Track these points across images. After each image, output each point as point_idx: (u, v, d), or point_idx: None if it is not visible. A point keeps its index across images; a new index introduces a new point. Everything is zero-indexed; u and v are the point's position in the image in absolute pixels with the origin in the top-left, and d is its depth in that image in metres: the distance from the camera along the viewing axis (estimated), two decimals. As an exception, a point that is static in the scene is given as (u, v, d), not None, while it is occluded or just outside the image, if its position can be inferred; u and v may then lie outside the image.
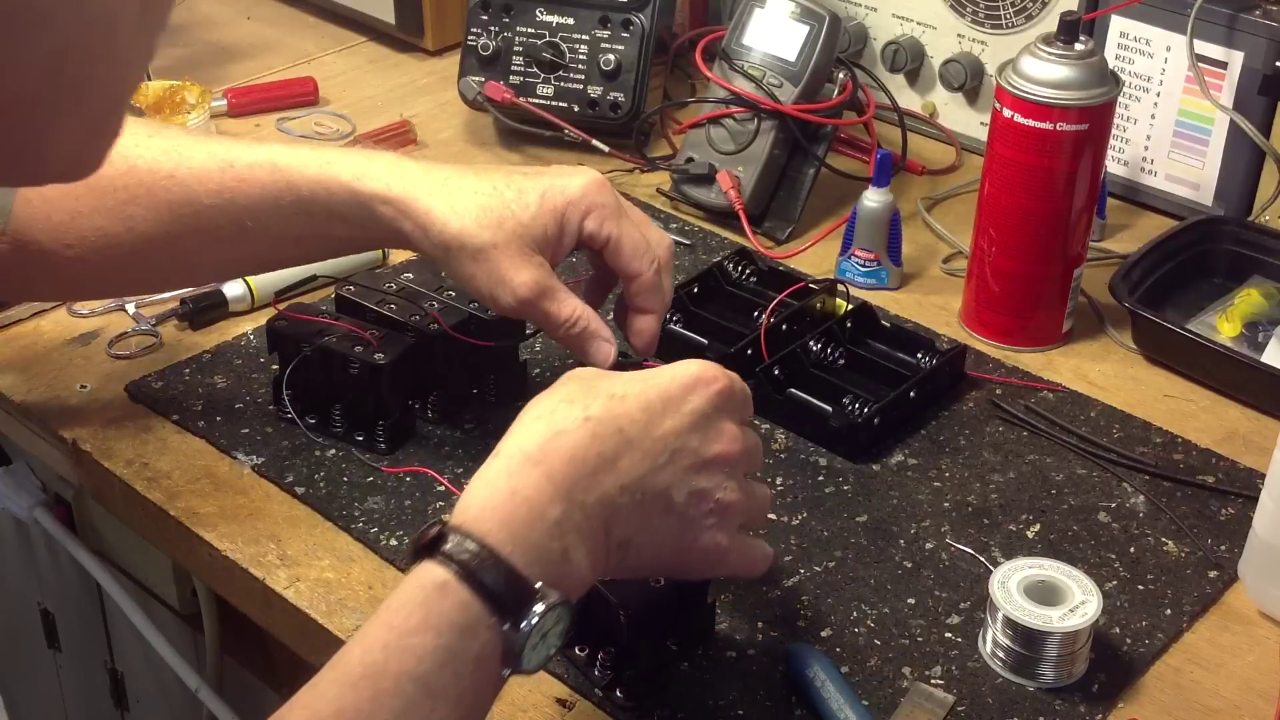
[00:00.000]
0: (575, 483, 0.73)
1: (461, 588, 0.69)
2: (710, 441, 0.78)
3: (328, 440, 1.05)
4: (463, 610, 0.69)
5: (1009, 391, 1.12)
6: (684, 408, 0.78)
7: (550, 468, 0.73)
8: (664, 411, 0.77)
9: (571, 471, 0.73)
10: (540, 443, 0.74)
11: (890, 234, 1.23)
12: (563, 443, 0.74)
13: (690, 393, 0.79)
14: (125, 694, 1.43)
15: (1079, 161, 1.11)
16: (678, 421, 0.77)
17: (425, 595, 0.69)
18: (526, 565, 0.70)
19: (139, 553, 1.25)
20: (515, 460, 0.74)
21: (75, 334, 1.16)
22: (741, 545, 0.81)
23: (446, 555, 0.70)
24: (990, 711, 0.86)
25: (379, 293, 1.07)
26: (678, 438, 0.77)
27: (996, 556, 0.96)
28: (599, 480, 0.74)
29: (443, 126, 1.49)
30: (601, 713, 0.85)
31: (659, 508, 0.76)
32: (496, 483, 0.73)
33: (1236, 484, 1.03)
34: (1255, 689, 0.88)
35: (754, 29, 1.32)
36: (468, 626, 0.69)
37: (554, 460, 0.73)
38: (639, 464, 0.75)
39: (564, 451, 0.74)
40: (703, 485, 0.78)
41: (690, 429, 0.78)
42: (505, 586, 0.69)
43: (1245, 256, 1.24)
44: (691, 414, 0.78)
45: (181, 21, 1.69)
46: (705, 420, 0.78)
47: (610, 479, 0.74)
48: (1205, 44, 1.26)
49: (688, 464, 0.77)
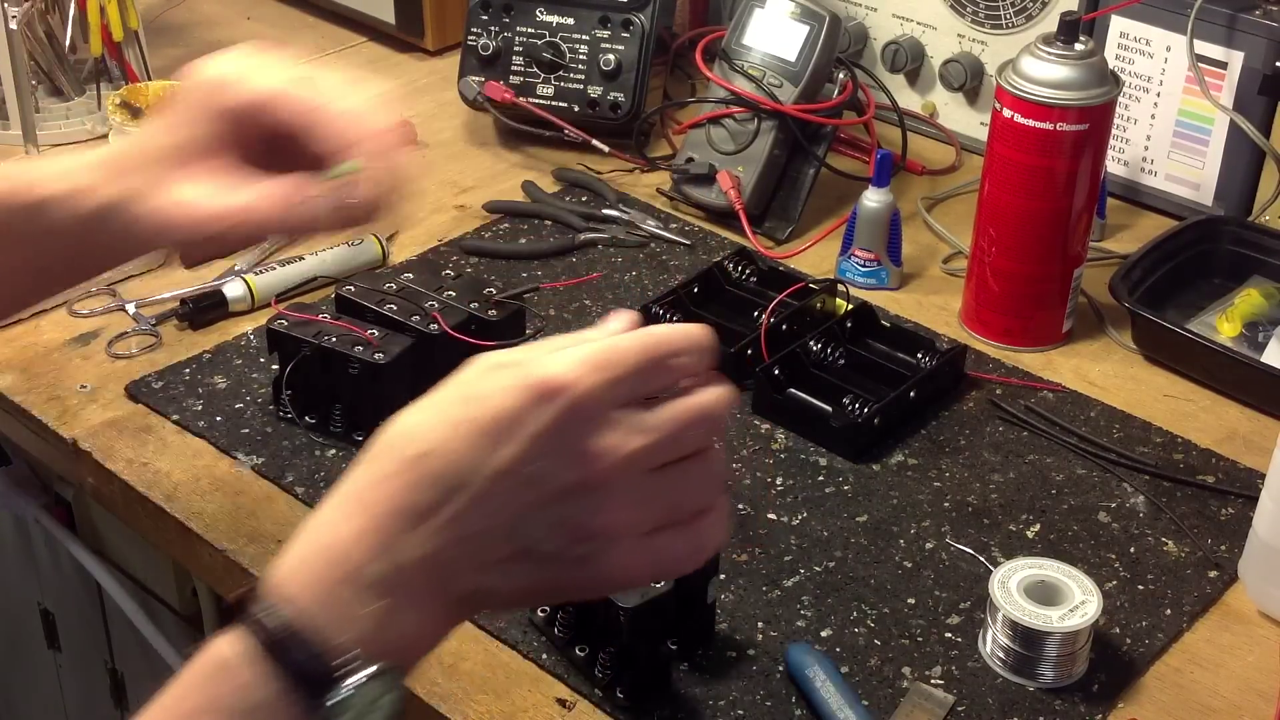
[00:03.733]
0: (395, 537, 0.61)
1: (253, 664, 0.59)
2: (568, 465, 0.62)
3: (328, 440, 1.05)
4: (256, 688, 0.59)
5: (1009, 391, 1.12)
6: (523, 431, 0.61)
7: (373, 517, 0.61)
8: (500, 441, 0.61)
9: (392, 525, 0.61)
10: (370, 484, 0.62)
11: (890, 234, 1.23)
12: (389, 488, 0.62)
13: (531, 412, 0.61)
14: (125, 694, 1.43)
15: (1079, 161, 1.11)
16: (513, 455, 0.61)
17: (208, 674, 0.60)
18: (339, 631, 0.60)
19: (139, 553, 1.25)
20: (344, 506, 0.63)
21: (75, 334, 1.16)
22: (661, 551, 0.64)
23: (249, 623, 0.60)
24: (990, 711, 0.86)
25: (379, 293, 1.07)
26: (515, 473, 0.61)
27: (996, 556, 0.96)
28: (422, 533, 0.61)
29: (443, 126, 1.49)
30: (601, 713, 0.86)
31: (509, 553, 0.62)
32: (318, 532, 0.63)
33: (1236, 484, 1.03)
34: (1255, 689, 0.88)
35: (754, 29, 1.32)
36: (262, 706, 0.59)
37: (378, 509, 0.61)
38: (472, 510, 0.61)
39: (387, 499, 0.61)
40: (569, 514, 0.62)
41: (536, 456, 0.61)
42: (308, 658, 0.59)
43: (1245, 256, 1.24)
44: (534, 437, 0.61)
45: (181, 21, 1.69)
46: (556, 440, 0.61)
47: (435, 531, 0.61)
48: (1205, 44, 1.26)
49: (539, 497, 0.61)
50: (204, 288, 1.19)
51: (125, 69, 1.48)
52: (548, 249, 1.28)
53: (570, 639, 0.88)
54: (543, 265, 1.26)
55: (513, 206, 1.34)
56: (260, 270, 1.21)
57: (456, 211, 1.34)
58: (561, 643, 0.88)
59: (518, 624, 0.90)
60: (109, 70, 1.48)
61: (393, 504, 0.61)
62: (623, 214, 1.32)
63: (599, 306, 1.20)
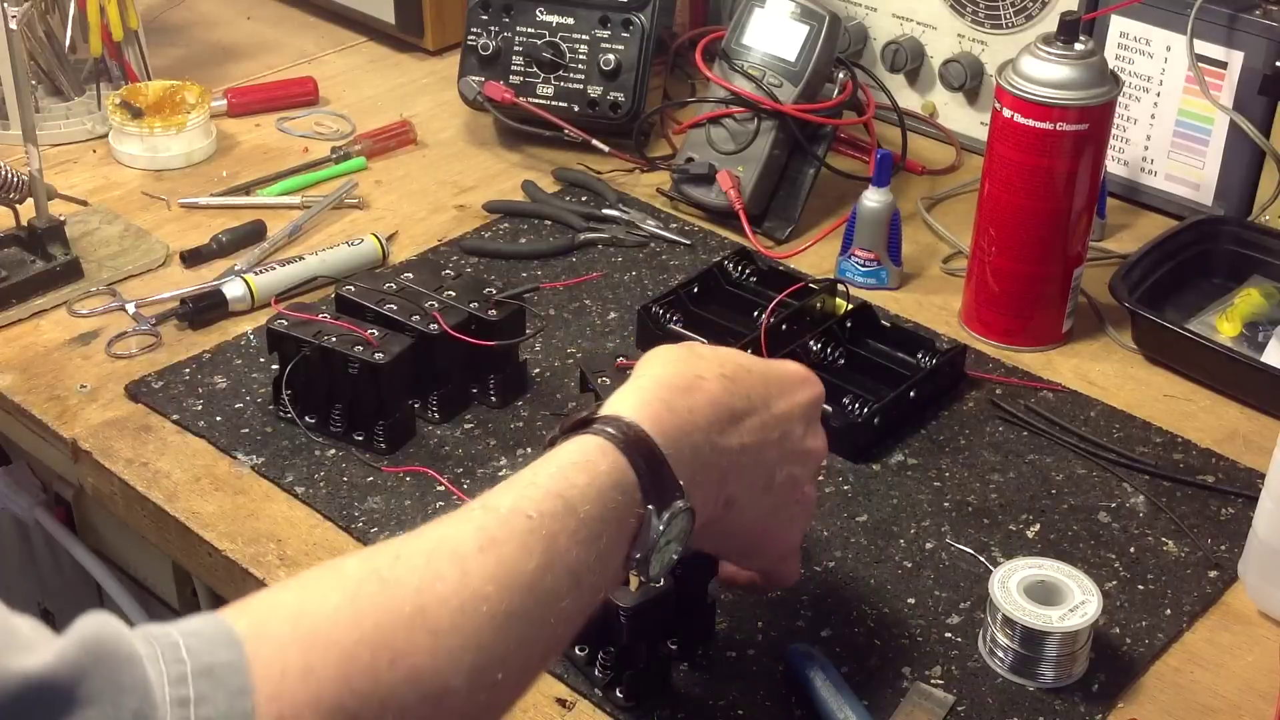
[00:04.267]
0: (712, 424, 0.75)
1: (618, 453, 0.69)
2: (809, 435, 0.81)
3: (328, 440, 1.05)
4: (620, 472, 0.69)
5: (1009, 391, 1.12)
6: (796, 396, 0.81)
7: (694, 402, 0.74)
8: (781, 393, 0.80)
9: (711, 413, 0.75)
10: (686, 381, 0.75)
11: (890, 234, 1.23)
12: (706, 386, 0.76)
13: (801, 385, 0.82)
14: (125, 694, 1.42)
15: (1079, 161, 1.11)
16: (789, 406, 0.80)
17: (585, 454, 0.69)
18: (674, 464, 0.71)
19: (139, 553, 1.25)
20: (663, 387, 0.75)
21: (75, 334, 1.16)
22: (799, 547, 0.85)
23: (601, 429, 0.70)
24: (990, 711, 0.86)
25: (379, 293, 1.07)
26: (789, 421, 0.79)
27: (996, 556, 0.96)
28: (730, 431, 0.76)
29: (443, 126, 1.49)
30: (601, 713, 0.85)
31: (763, 480, 0.79)
32: (647, 394, 0.74)
33: (1236, 484, 1.03)
34: (1255, 689, 0.88)
35: (754, 29, 1.32)
36: (620, 487, 0.69)
37: (698, 397, 0.75)
38: (758, 432, 0.77)
39: (706, 393, 0.75)
40: (797, 473, 0.81)
41: (798, 418, 0.80)
42: (653, 469, 0.70)
43: (1245, 256, 1.24)
44: (801, 404, 0.81)
45: (181, 21, 1.69)
46: (807, 414, 0.81)
47: (737, 434, 0.76)
48: (1205, 44, 1.26)
49: (791, 449, 0.80)
50: (204, 288, 1.19)
51: (125, 69, 1.48)
52: (548, 249, 1.28)
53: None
54: (543, 265, 1.26)
55: (513, 206, 1.34)
56: (260, 270, 1.21)
57: (456, 211, 1.34)
58: (561, 643, 0.88)
59: (518, 624, 0.90)
60: (109, 70, 1.48)
61: (714, 399, 0.75)
62: (623, 214, 1.32)
63: (599, 306, 1.20)
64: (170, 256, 1.26)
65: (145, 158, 1.40)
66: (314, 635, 0.58)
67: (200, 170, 1.40)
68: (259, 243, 1.28)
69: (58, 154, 1.41)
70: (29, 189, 1.21)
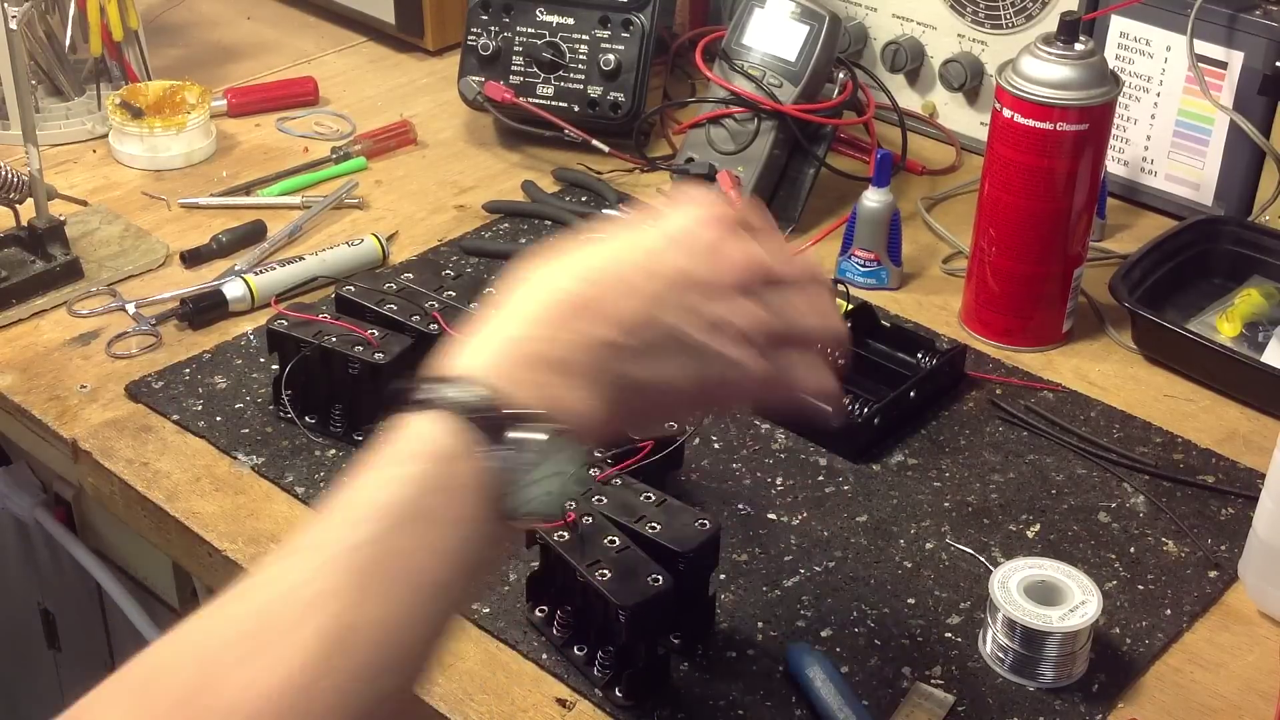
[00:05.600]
0: (570, 325, 0.69)
1: (431, 416, 0.64)
2: (720, 267, 0.73)
3: (328, 440, 1.05)
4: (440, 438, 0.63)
5: (1009, 391, 1.12)
6: (687, 241, 0.73)
7: (543, 307, 0.69)
8: (665, 249, 0.72)
9: (556, 315, 0.69)
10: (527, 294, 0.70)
11: (890, 234, 1.23)
12: (549, 290, 0.70)
13: (691, 225, 0.73)
14: (125, 694, 1.42)
15: (1079, 161, 1.11)
16: (680, 255, 0.72)
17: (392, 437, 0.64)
18: (514, 392, 0.65)
19: (139, 553, 1.25)
20: (506, 316, 0.69)
21: (75, 334, 1.16)
22: (783, 363, 0.74)
23: (418, 401, 0.65)
24: (990, 711, 0.86)
25: (379, 293, 1.07)
26: (683, 272, 0.72)
27: (996, 556, 0.96)
28: (598, 324, 0.69)
29: (443, 126, 1.49)
30: (601, 713, 0.85)
31: (652, 338, 0.71)
32: (486, 333, 0.69)
33: (1236, 484, 1.03)
34: (1255, 689, 0.88)
35: (754, 29, 1.32)
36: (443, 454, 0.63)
37: (541, 306, 0.69)
38: (643, 304, 0.70)
39: (549, 298, 0.69)
40: (692, 301, 0.71)
41: (698, 261, 0.72)
42: (481, 404, 0.64)
43: (1245, 256, 1.24)
44: (698, 246, 0.72)
45: (181, 21, 1.69)
46: (711, 247, 0.73)
47: (610, 321, 0.69)
48: (1205, 44, 1.26)
49: (698, 295, 0.72)
50: (204, 288, 1.19)
51: (125, 69, 1.48)
52: (548, 249, 1.27)
53: (569, 638, 0.88)
54: (543, 265, 1.26)
55: (513, 206, 1.34)
56: (260, 270, 1.21)
57: (456, 211, 1.35)
58: (560, 642, 0.88)
59: (517, 624, 0.90)
60: (109, 70, 1.48)
61: (569, 301, 0.69)
62: (623, 214, 1.32)
63: (599, 306, 1.20)
64: (170, 256, 1.26)
65: (145, 158, 1.40)
66: None
67: (200, 170, 1.40)
68: (259, 243, 1.28)
69: (58, 154, 1.42)
70: (29, 189, 1.21)
